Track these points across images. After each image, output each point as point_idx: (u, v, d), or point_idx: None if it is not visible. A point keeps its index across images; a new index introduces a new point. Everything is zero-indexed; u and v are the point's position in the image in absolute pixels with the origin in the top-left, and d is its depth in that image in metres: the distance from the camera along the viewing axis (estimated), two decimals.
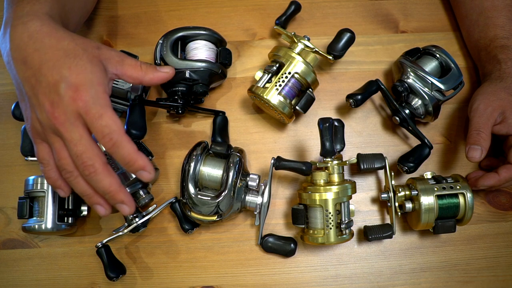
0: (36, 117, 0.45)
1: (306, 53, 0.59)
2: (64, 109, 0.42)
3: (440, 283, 0.60)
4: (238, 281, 0.60)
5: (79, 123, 0.43)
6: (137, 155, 0.44)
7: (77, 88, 0.42)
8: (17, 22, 0.45)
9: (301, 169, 0.56)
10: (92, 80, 0.43)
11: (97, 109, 0.43)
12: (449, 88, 0.58)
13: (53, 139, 0.45)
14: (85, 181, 0.45)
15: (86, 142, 0.43)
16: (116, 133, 0.43)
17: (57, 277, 0.60)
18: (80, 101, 0.42)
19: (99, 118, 0.42)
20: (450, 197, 0.56)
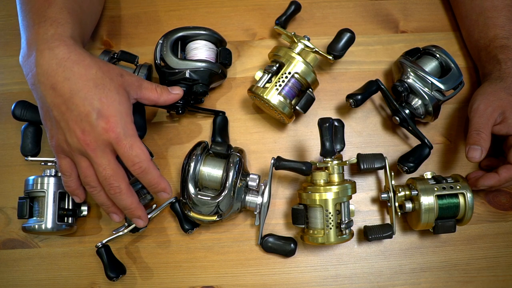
0: (64, 139, 0.48)
1: (306, 53, 0.59)
2: (95, 137, 0.46)
3: (440, 283, 0.60)
4: (238, 281, 0.60)
5: (109, 150, 0.47)
6: (160, 179, 0.50)
7: (108, 120, 0.46)
8: (44, 46, 0.47)
9: (301, 169, 0.56)
10: (121, 111, 0.47)
11: (128, 140, 0.47)
12: (449, 88, 0.58)
13: (80, 159, 0.49)
14: (106, 195, 0.51)
15: (114, 167, 0.48)
16: (145, 162, 0.48)
17: (57, 277, 0.60)
18: (112, 132, 0.46)
19: (130, 148, 0.47)
20: (450, 197, 0.56)
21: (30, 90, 0.64)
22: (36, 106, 0.59)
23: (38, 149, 0.59)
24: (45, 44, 0.47)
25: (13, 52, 0.66)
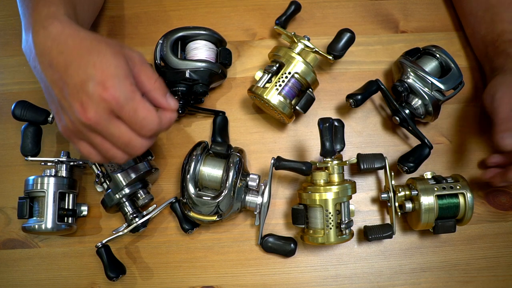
0: (69, 119, 0.45)
1: (306, 53, 0.59)
2: (96, 108, 0.42)
3: (440, 283, 0.60)
4: (238, 281, 0.60)
5: (113, 117, 0.43)
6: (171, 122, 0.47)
7: (104, 85, 0.42)
8: (38, 27, 0.45)
9: (301, 169, 0.56)
10: (118, 74, 0.43)
11: (130, 105, 0.43)
12: (449, 88, 0.58)
13: (91, 135, 0.45)
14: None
15: (126, 132, 0.44)
16: (154, 123, 0.44)
17: (57, 277, 0.60)
18: (111, 98, 0.42)
19: (134, 113, 0.43)
20: (450, 197, 0.56)
21: (30, 90, 0.65)
22: (36, 106, 0.59)
23: (38, 149, 0.59)
24: (40, 24, 0.45)
25: (13, 52, 0.66)
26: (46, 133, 0.62)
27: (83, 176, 0.62)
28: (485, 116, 0.65)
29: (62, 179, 0.57)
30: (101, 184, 0.58)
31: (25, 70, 0.65)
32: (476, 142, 0.64)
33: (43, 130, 0.60)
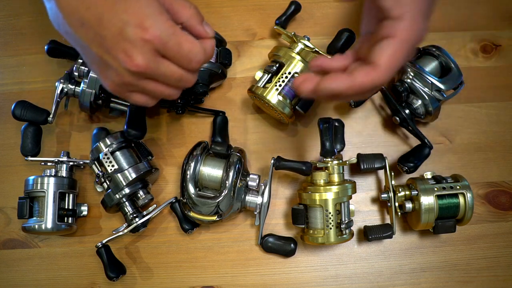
0: (116, 73, 0.43)
1: (306, 53, 0.59)
2: (141, 52, 0.40)
3: (440, 283, 0.60)
4: (238, 281, 0.60)
5: (160, 57, 0.42)
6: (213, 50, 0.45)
7: (143, 27, 0.40)
8: None
9: (301, 169, 0.56)
10: (153, 12, 0.40)
11: (173, 40, 0.41)
12: (449, 88, 0.58)
13: (143, 83, 0.43)
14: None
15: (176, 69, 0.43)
16: (201, 54, 0.42)
17: (57, 277, 0.60)
18: (153, 37, 0.40)
19: (179, 47, 0.41)
20: (450, 197, 0.56)
21: (30, 90, 0.65)
22: (36, 106, 0.59)
23: (38, 149, 0.59)
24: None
25: (13, 52, 0.66)
26: (46, 133, 0.62)
27: (83, 176, 0.62)
28: (485, 116, 0.65)
29: (62, 179, 0.57)
30: (101, 184, 0.58)
31: (25, 70, 0.65)
32: (476, 142, 0.64)
33: (43, 130, 0.60)
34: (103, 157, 0.56)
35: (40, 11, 0.66)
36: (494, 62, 0.66)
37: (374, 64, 0.40)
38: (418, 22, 0.41)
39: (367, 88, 0.41)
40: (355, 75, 0.40)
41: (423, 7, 0.41)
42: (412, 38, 0.41)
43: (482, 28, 0.67)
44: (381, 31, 0.41)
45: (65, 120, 0.64)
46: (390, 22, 0.40)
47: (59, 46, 0.61)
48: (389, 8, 0.40)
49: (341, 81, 0.40)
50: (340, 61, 0.46)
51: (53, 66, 0.65)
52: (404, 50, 0.41)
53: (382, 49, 0.40)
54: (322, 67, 0.46)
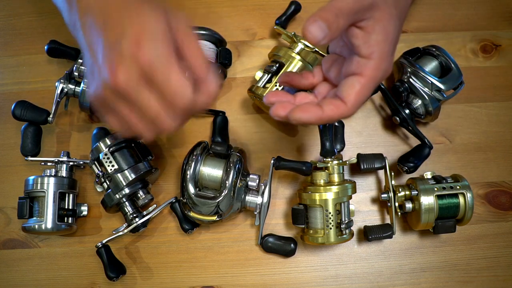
0: (97, 85, 0.40)
1: (306, 53, 0.59)
2: (126, 69, 0.37)
3: (440, 283, 0.60)
4: (238, 281, 0.60)
5: (143, 83, 0.38)
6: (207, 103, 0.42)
7: (139, 44, 0.37)
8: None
9: (301, 169, 0.56)
10: (156, 34, 0.38)
11: (163, 70, 0.37)
12: (449, 88, 0.58)
13: (118, 105, 0.40)
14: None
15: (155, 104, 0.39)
16: (187, 96, 0.39)
17: (57, 277, 0.60)
18: (144, 58, 0.37)
19: (166, 80, 0.38)
20: (450, 197, 0.56)
21: (30, 90, 0.65)
22: (36, 106, 0.59)
23: (38, 149, 0.59)
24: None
25: (13, 52, 0.66)
26: (46, 133, 0.62)
27: (83, 176, 0.62)
28: (485, 116, 0.65)
29: (62, 179, 0.57)
30: (101, 184, 0.58)
31: (25, 70, 0.65)
32: (476, 142, 0.64)
33: (43, 130, 0.60)
34: (103, 157, 0.56)
35: (40, 11, 0.66)
36: (494, 62, 0.66)
37: (342, 100, 0.43)
38: (384, 61, 0.43)
39: (334, 120, 0.44)
40: (324, 108, 0.43)
41: (388, 49, 0.43)
42: (378, 76, 0.43)
43: (482, 28, 0.67)
44: (350, 67, 0.43)
45: (65, 120, 0.64)
46: (359, 59, 0.43)
47: (59, 46, 0.61)
48: (358, 46, 0.42)
49: (311, 114, 0.42)
50: (309, 80, 0.50)
51: (53, 66, 0.65)
52: (369, 87, 0.43)
53: (350, 86, 0.43)
54: (291, 84, 0.50)
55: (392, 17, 0.43)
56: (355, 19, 0.41)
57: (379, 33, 0.42)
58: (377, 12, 0.42)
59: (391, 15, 0.43)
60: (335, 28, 0.39)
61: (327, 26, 0.39)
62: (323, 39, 0.39)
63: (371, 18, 0.42)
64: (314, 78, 0.49)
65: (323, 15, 0.39)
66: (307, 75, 0.50)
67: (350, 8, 0.40)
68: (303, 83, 0.50)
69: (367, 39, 0.42)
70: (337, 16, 0.40)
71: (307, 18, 0.39)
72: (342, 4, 0.40)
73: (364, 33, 0.42)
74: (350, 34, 0.43)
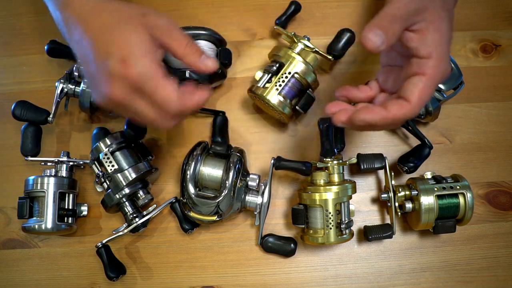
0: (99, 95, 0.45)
1: (306, 53, 0.59)
2: (119, 85, 0.42)
3: (440, 283, 0.60)
4: (238, 281, 0.60)
5: (137, 95, 0.43)
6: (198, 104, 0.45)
7: (124, 63, 0.41)
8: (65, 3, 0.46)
9: (301, 169, 0.56)
10: (135, 52, 0.42)
11: (149, 84, 0.42)
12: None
13: (122, 110, 0.45)
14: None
15: (150, 111, 0.44)
16: (174, 104, 0.43)
17: (57, 277, 0.60)
18: (131, 77, 0.41)
19: (154, 94, 0.42)
20: (450, 197, 0.56)
21: (30, 90, 0.65)
22: (36, 106, 0.59)
23: (38, 149, 0.59)
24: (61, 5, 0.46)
25: (13, 52, 0.66)
26: (46, 133, 0.62)
27: (83, 176, 0.62)
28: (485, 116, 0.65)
29: (62, 179, 0.57)
30: (101, 184, 0.58)
31: (25, 70, 0.65)
32: (476, 142, 0.64)
33: (43, 130, 0.60)
34: (103, 157, 0.56)
35: (40, 11, 0.66)
36: (494, 62, 0.66)
37: (406, 99, 0.43)
38: (443, 60, 0.44)
39: (399, 120, 0.44)
40: (389, 108, 0.43)
41: (445, 49, 0.45)
42: (439, 75, 0.44)
43: (482, 28, 0.67)
44: (411, 68, 0.44)
45: (65, 120, 0.64)
46: (419, 60, 0.44)
47: (59, 46, 0.61)
48: (416, 48, 0.44)
49: (376, 114, 0.43)
50: (366, 92, 0.50)
51: (53, 66, 0.65)
52: (432, 86, 0.44)
53: (413, 85, 0.43)
54: (348, 98, 0.50)
55: (442, 19, 0.45)
56: (408, 24, 0.43)
57: (434, 33, 0.44)
58: (428, 15, 0.44)
59: (441, 17, 0.45)
60: (391, 34, 0.42)
61: (384, 33, 0.42)
62: (382, 45, 0.41)
63: (423, 20, 0.44)
64: (371, 90, 0.50)
65: (379, 23, 0.42)
66: (364, 88, 0.51)
67: (402, 14, 0.43)
68: (360, 96, 0.50)
69: (423, 40, 0.43)
70: (391, 22, 0.42)
71: (364, 28, 0.42)
72: (394, 10, 0.43)
73: (419, 35, 0.44)
74: (405, 39, 0.44)
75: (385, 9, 0.43)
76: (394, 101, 0.44)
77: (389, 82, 0.50)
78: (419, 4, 0.44)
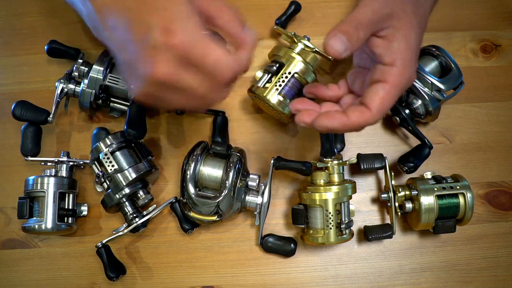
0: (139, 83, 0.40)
1: (306, 53, 0.59)
2: (165, 58, 0.37)
3: (440, 283, 0.60)
4: (238, 281, 0.60)
5: (185, 67, 0.38)
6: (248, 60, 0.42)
7: (168, 31, 0.37)
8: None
9: (301, 169, 0.56)
10: (180, 15, 0.38)
11: (198, 49, 0.37)
12: (449, 88, 0.58)
13: (167, 95, 0.40)
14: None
15: (202, 82, 0.39)
16: (228, 66, 0.38)
17: (57, 277, 0.60)
18: (177, 42, 0.37)
19: (204, 57, 0.38)
20: (450, 197, 0.56)
21: (30, 90, 0.65)
22: (36, 106, 0.59)
23: (38, 149, 0.59)
24: None
25: (13, 52, 0.66)
26: (46, 133, 0.62)
27: (83, 176, 0.62)
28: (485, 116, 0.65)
29: (62, 179, 0.57)
30: (101, 184, 0.58)
31: (25, 70, 0.65)
32: (476, 142, 0.64)
33: (43, 130, 0.60)
34: (103, 157, 0.56)
35: (40, 11, 0.66)
36: (494, 62, 0.66)
37: (367, 106, 0.43)
38: (407, 68, 0.43)
39: (359, 127, 0.44)
40: (349, 115, 0.43)
41: (410, 57, 0.44)
42: (402, 83, 0.44)
43: (482, 28, 0.67)
44: (374, 74, 0.44)
45: (65, 120, 0.64)
46: (382, 67, 0.43)
47: (59, 46, 0.61)
48: (380, 54, 0.43)
49: (336, 120, 0.43)
50: (334, 91, 0.50)
51: (53, 66, 0.65)
52: (394, 94, 0.43)
53: (375, 93, 0.43)
54: (316, 95, 0.50)
55: (412, 26, 0.44)
56: (374, 29, 0.43)
57: (400, 41, 0.43)
58: (397, 21, 0.43)
59: (411, 24, 0.44)
60: (355, 40, 0.41)
61: (348, 39, 0.40)
62: (344, 52, 0.40)
63: (391, 27, 0.43)
64: (339, 90, 0.50)
65: (343, 28, 0.41)
66: (333, 87, 0.51)
67: (369, 19, 0.42)
68: (328, 95, 0.50)
69: (388, 47, 0.43)
70: (356, 28, 0.41)
71: (328, 32, 0.40)
72: (361, 15, 0.42)
73: (385, 41, 0.43)
74: (371, 44, 0.44)
75: (352, 13, 0.42)
76: (355, 108, 0.44)
77: (357, 84, 0.49)
78: (388, 10, 0.43)
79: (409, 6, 0.45)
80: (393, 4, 0.43)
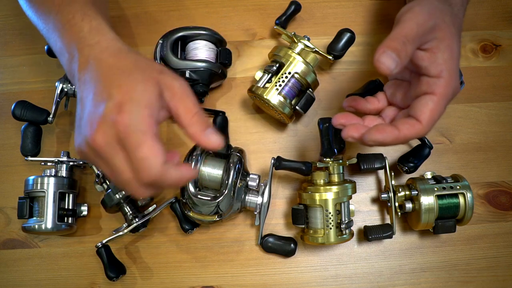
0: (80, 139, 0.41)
1: (306, 53, 0.59)
2: (104, 131, 0.38)
3: (440, 283, 0.60)
4: (238, 281, 0.60)
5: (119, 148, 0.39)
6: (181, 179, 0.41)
7: (120, 108, 0.38)
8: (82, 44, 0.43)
9: (301, 169, 0.56)
10: (139, 101, 0.38)
11: (135, 137, 0.38)
12: None
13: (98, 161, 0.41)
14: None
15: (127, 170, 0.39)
16: (154, 168, 0.38)
17: (57, 277, 0.60)
18: (121, 124, 0.37)
19: (136, 147, 0.38)
20: (450, 197, 0.56)
21: (30, 90, 0.65)
22: (36, 106, 0.59)
23: (38, 149, 0.59)
24: (84, 42, 0.43)
25: (13, 52, 0.66)
26: (46, 133, 0.62)
27: (83, 176, 0.62)
28: (485, 116, 0.65)
29: (62, 179, 0.57)
30: (101, 184, 0.58)
31: (25, 70, 0.65)
32: (476, 142, 0.64)
33: (43, 130, 0.60)
34: None
35: None
36: (494, 62, 0.66)
37: (417, 119, 0.44)
38: (453, 78, 0.44)
39: (410, 139, 0.44)
40: (400, 128, 0.44)
41: (455, 67, 0.44)
42: (449, 94, 0.44)
43: (482, 28, 0.67)
44: (421, 87, 0.45)
45: (65, 120, 0.64)
46: (429, 79, 0.44)
47: None
48: (426, 67, 0.44)
49: (388, 134, 0.43)
50: (374, 104, 0.51)
51: (53, 66, 0.65)
52: (443, 105, 0.44)
53: (424, 105, 0.44)
54: (356, 109, 0.51)
55: (453, 35, 0.45)
56: (420, 43, 0.43)
57: (445, 51, 0.43)
58: (439, 32, 0.44)
59: (452, 33, 0.45)
60: (404, 56, 0.41)
61: (397, 55, 0.41)
62: (395, 68, 0.41)
63: (435, 39, 0.44)
64: (379, 103, 0.51)
65: (391, 45, 0.41)
66: (372, 100, 0.51)
67: (415, 34, 0.42)
68: (368, 108, 0.51)
69: (434, 59, 0.43)
70: (404, 44, 0.41)
71: (376, 49, 0.41)
72: (407, 31, 0.42)
73: (429, 54, 0.44)
74: (416, 58, 0.44)
75: (397, 29, 0.42)
76: (405, 121, 0.44)
77: (397, 97, 0.50)
78: (432, 22, 0.43)
79: (448, 16, 0.45)
80: (435, 16, 0.44)
